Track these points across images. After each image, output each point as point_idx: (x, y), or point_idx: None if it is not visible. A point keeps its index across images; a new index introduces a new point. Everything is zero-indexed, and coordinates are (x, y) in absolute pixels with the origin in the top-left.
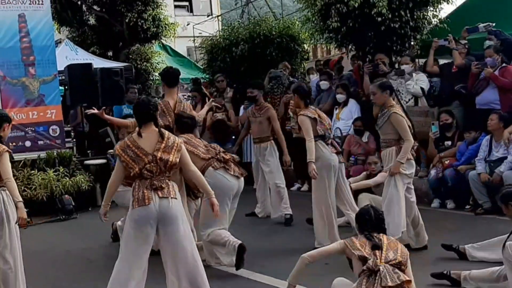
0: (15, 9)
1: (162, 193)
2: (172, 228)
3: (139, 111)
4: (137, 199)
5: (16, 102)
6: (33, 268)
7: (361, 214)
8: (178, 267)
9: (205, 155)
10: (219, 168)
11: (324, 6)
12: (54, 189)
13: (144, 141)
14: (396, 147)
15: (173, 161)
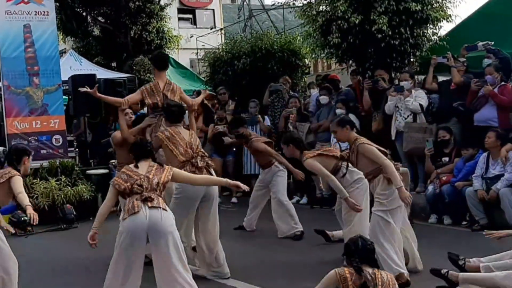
0: (20, 19)
1: (152, 204)
2: (162, 242)
3: (137, 151)
4: (127, 210)
5: (20, 111)
6: (33, 277)
7: (348, 244)
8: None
9: (181, 157)
10: (189, 172)
11: (325, 22)
12: (55, 198)
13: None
14: (383, 175)
15: (164, 180)
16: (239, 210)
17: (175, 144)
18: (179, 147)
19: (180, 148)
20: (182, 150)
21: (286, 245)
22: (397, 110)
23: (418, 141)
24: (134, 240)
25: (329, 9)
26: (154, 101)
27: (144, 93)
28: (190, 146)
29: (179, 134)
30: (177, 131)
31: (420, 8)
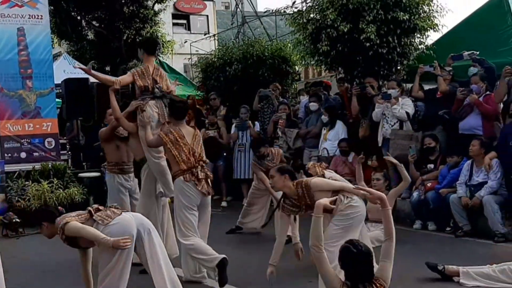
0: (14, 22)
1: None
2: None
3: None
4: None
5: (13, 114)
6: (24, 279)
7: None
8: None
9: (183, 165)
10: (189, 181)
11: (315, 30)
12: (47, 201)
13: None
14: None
15: None
16: (229, 214)
17: (178, 149)
18: (182, 154)
19: (183, 155)
20: (185, 157)
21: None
22: (384, 118)
23: (404, 148)
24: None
25: (319, 17)
26: (145, 84)
27: (136, 76)
28: (192, 152)
29: (183, 139)
30: (181, 134)
31: (408, 18)
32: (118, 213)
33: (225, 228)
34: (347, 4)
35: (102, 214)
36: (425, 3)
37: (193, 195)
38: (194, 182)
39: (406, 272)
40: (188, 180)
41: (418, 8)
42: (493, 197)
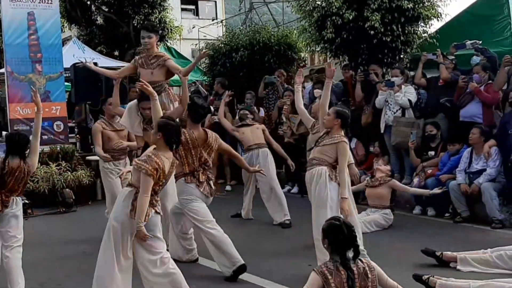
0: (25, 7)
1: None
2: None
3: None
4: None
5: (23, 97)
6: (31, 258)
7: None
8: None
9: (186, 168)
10: (190, 183)
11: (320, 18)
12: (56, 183)
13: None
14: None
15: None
16: (233, 197)
17: (186, 150)
18: (189, 156)
19: (189, 157)
20: (191, 159)
21: (276, 232)
22: (387, 105)
23: (405, 134)
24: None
25: (324, 5)
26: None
27: (137, 64)
28: (199, 156)
29: (194, 141)
30: (193, 137)
31: (412, 6)
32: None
33: (228, 211)
34: None
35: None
36: None
37: (196, 195)
38: (196, 184)
39: (404, 257)
40: (190, 182)
41: None
42: (492, 184)
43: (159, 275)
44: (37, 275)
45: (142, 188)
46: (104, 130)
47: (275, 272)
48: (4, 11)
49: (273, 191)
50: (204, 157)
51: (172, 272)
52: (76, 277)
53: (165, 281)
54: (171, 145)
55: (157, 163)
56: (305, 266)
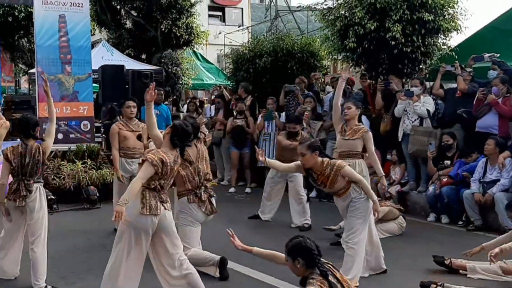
0: (56, 9)
1: (166, 206)
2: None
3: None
4: (149, 207)
5: (52, 97)
6: (55, 252)
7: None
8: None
9: (188, 185)
10: (192, 202)
11: (343, 27)
12: (81, 180)
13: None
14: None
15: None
16: (253, 200)
17: (185, 170)
18: (188, 173)
19: (189, 175)
20: (191, 176)
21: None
22: (406, 114)
23: (422, 143)
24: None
25: (347, 14)
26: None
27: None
28: (198, 171)
29: (188, 158)
30: (187, 154)
31: (433, 19)
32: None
33: (247, 213)
34: (375, 3)
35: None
36: (450, 5)
37: (197, 215)
38: (197, 204)
39: (416, 263)
40: (192, 201)
41: (443, 10)
42: (505, 194)
43: (178, 277)
44: (59, 268)
45: (141, 173)
46: (121, 131)
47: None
48: (37, 13)
49: (299, 196)
50: (203, 170)
51: (189, 273)
52: (97, 271)
53: (184, 282)
54: (174, 144)
55: (163, 156)
56: None
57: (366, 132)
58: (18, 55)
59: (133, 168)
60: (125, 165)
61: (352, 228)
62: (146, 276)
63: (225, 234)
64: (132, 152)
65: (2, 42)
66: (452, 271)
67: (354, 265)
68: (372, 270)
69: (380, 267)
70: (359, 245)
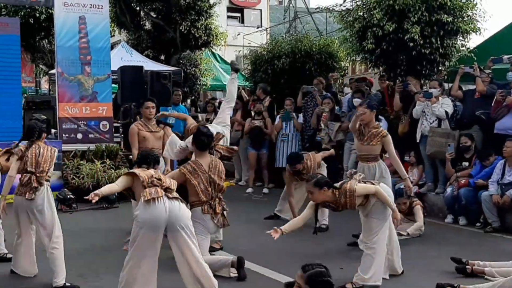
0: (76, 11)
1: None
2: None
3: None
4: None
5: (71, 97)
6: (73, 250)
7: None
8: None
9: (202, 196)
10: (207, 213)
11: (361, 28)
12: (100, 179)
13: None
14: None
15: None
16: (270, 200)
17: (197, 179)
18: (201, 183)
19: (201, 185)
20: (203, 186)
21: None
22: (424, 115)
23: (441, 145)
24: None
25: (365, 16)
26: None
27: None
28: (211, 181)
29: (200, 167)
30: (199, 163)
31: (451, 20)
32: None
33: (264, 213)
34: (393, 5)
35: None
36: (469, 7)
37: (209, 226)
38: (211, 215)
39: (433, 264)
40: (206, 212)
41: (462, 12)
42: None
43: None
44: (78, 266)
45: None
46: (140, 131)
47: None
48: (57, 15)
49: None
50: (216, 181)
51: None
52: (115, 270)
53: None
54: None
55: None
56: (337, 269)
57: (385, 137)
58: (38, 56)
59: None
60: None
61: (370, 228)
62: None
63: (243, 234)
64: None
65: (24, 43)
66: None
67: (373, 265)
68: (390, 270)
69: (396, 270)
70: (378, 244)
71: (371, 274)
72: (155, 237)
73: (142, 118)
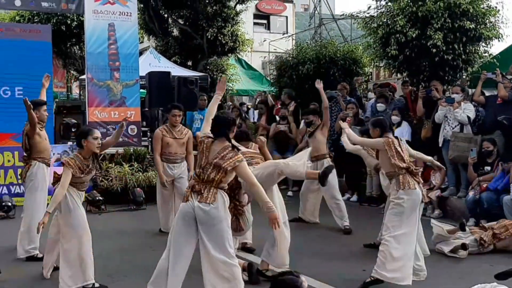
0: (106, 18)
1: (201, 198)
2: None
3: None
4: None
5: (101, 102)
6: (102, 251)
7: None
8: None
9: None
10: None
11: (385, 35)
12: (128, 182)
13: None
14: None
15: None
16: (295, 203)
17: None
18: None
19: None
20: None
21: (334, 237)
22: (446, 120)
23: (463, 149)
24: (183, 223)
25: (389, 22)
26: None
27: None
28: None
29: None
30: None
31: (474, 27)
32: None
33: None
34: (417, 12)
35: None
36: (492, 14)
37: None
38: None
39: (454, 266)
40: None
41: (484, 18)
42: None
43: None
44: (106, 266)
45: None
46: (164, 137)
47: (330, 275)
48: (87, 22)
49: (334, 199)
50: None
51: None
52: (142, 270)
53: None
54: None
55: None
56: (359, 271)
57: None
58: (70, 62)
59: (175, 172)
60: (167, 170)
61: (387, 223)
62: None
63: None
64: (173, 158)
65: (55, 49)
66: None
67: (384, 262)
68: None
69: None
70: (391, 242)
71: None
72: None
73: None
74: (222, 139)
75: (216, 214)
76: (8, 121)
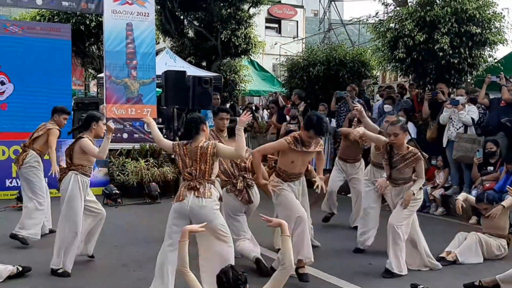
0: (124, 18)
1: (198, 193)
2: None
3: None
4: (177, 196)
5: (118, 99)
6: (118, 242)
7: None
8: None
9: (223, 176)
10: (230, 192)
11: (393, 38)
12: (143, 177)
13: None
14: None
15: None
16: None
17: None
18: (221, 166)
19: (221, 167)
20: (223, 168)
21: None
22: (451, 121)
23: (466, 150)
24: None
25: (397, 27)
26: None
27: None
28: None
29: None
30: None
31: (480, 32)
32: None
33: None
34: (424, 16)
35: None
36: (497, 19)
37: (236, 204)
38: (234, 193)
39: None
40: (229, 191)
41: (490, 24)
42: None
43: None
44: (121, 256)
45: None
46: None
47: (339, 268)
48: (106, 21)
49: (359, 197)
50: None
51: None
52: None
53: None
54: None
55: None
56: (366, 264)
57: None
58: (88, 60)
59: None
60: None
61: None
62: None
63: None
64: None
65: (74, 48)
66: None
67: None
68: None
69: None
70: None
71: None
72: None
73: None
74: (196, 138)
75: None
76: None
